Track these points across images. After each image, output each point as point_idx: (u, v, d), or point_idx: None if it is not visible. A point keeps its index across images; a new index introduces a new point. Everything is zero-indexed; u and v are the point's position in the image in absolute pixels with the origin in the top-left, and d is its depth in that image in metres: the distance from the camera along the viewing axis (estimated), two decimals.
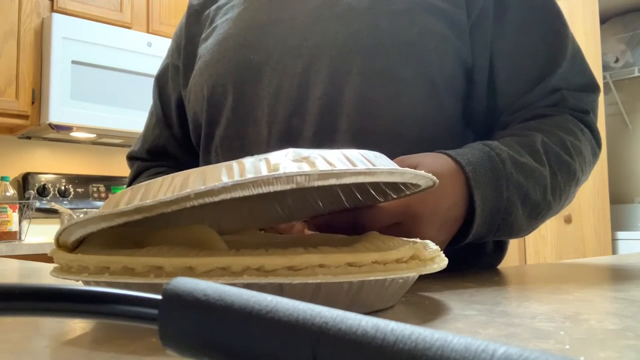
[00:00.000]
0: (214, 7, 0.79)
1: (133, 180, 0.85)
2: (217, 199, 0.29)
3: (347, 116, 0.62)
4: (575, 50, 0.68)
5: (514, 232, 0.59)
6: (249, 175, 0.28)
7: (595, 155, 0.68)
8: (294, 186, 0.30)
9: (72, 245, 0.35)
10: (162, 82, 0.86)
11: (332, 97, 0.62)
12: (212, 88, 0.70)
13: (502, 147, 0.57)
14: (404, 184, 0.42)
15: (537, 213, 0.59)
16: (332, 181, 0.31)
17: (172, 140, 0.84)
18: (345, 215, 0.50)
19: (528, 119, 0.65)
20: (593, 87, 0.69)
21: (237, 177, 0.28)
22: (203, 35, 0.77)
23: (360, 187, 0.45)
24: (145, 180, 0.75)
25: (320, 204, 0.50)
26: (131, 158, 0.88)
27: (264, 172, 0.29)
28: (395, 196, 0.45)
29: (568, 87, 0.66)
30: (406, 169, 0.35)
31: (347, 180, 0.31)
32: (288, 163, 0.30)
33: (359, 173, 0.31)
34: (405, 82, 0.63)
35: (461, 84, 0.66)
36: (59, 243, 0.35)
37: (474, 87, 0.67)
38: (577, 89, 0.67)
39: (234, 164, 0.29)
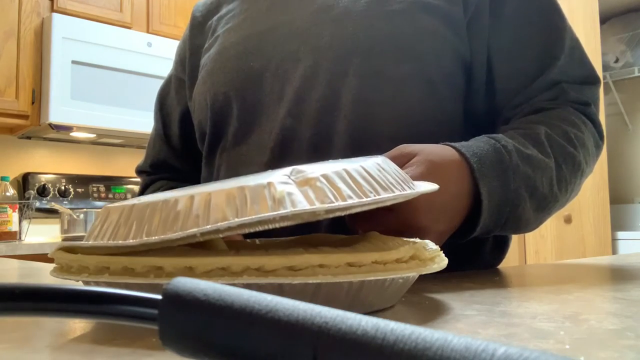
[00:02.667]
0: (215, 17, 0.80)
1: (142, 192, 0.89)
2: (222, 235, 0.29)
3: (345, 117, 0.62)
4: (574, 42, 0.68)
5: (522, 225, 0.58)
6: (254, 205, 0.28)
7: (598, 147, 0.67)
8: (300, 221, 0.30)
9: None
10: (164, 94, 0.88)
11: (330, 99, 0.63)
12: (215, 96, 0.71)
13: (508, 139, 0.57)
14: None
15: (544, 205, 0.58)
16: (338, 213, 0.31)
17: (172, 154, 0.86)
18: None
19: (529, 113, 0.65)
20: (593, 79, 0.68)
21: (240, 212, 0.28)
22: (206, 46, 0.79)
23: None
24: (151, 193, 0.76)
25: None
26: (139, 172, 0.92)
27: (269, 201, 0.28)
28: None
29: (568, 80, 0.66)
30: (410, 191, 0.35)
31: (353, 211, 0.31)
32: (293, 190, 0.29)
33: (364, 204, 0.31)
34: (403, 81, 0.63)
35: (460, 81, 0.66)
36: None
37: (473, 84, 0.67)
38: (577, 81, 0.67)
39: (236, 192, 0.29)
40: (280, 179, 0.30)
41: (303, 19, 0.68)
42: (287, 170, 0.31)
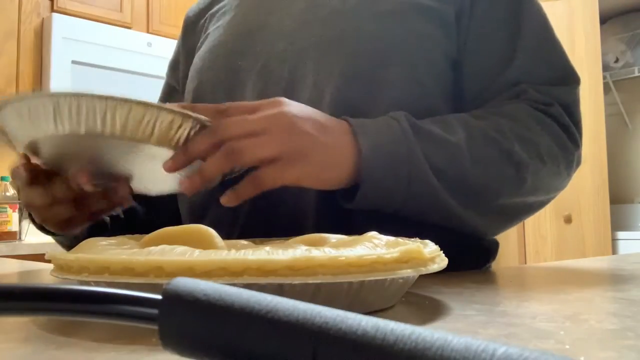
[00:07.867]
0: (208, 15, 0.80)
1: None
2: None
3: None
4: (541, 41, 0.65)
5: (434, 190, 0.54)
6: None
7: (565, 148, 0.61)
8: None
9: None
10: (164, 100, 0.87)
11: (315, 100, 0.62)
12: (202, 95, 0.70)
13: (401, 113, 0.56)
14: None
15: (446, 180, 0.54)
16: None
17: None
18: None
19: None
20: (564, 79, 0.65)
21: None
22: (198, 45, 0.78)
23: None
24: None
25: None
26: None
27: None
28: None
29: (531, 80, 0.63)
30: None
31: None
32: None
33: None
34: (392, 84, 0.61)
35: (450, 83, 0.65)
36: None
37: (459, 85, 0.66)
38: (544, 82, 0.63)
39: None
40: None
41: (292, 18, 0.67)
42: None
